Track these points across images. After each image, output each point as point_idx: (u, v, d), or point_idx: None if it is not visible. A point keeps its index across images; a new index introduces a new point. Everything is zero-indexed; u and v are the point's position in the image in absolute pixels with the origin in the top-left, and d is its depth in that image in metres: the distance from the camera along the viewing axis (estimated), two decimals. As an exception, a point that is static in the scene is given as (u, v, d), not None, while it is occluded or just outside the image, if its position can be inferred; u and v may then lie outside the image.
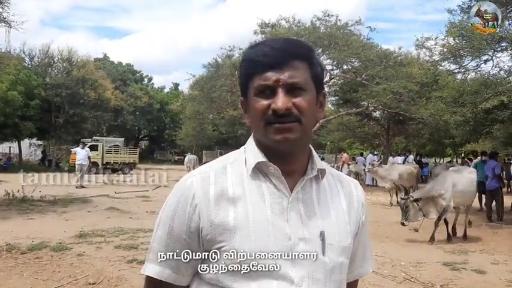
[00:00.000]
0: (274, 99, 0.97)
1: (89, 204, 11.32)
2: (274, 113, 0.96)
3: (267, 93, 0.98)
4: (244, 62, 1.04)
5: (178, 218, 1.01)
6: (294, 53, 1.00)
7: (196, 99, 25.53)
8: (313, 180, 1.05)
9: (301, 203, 1.00)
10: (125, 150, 28.33)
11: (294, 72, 0.98)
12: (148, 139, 52.80)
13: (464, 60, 11.03)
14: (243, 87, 1.05)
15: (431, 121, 18.33)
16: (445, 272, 5.69)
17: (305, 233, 0.98)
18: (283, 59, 0.98)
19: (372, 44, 21.78)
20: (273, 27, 21.57)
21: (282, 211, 0.98)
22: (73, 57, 29.93)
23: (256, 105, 0.99)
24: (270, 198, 0.99)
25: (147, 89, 47.72)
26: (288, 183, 1.01)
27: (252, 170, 1.01)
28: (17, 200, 10.95)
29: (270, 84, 0.97)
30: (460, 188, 7.69)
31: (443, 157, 40.48)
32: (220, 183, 1.00)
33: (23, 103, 24.70)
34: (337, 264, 1.00)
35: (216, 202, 0.98)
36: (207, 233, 0.98)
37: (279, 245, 0.95)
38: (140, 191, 14.51)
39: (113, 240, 6.83)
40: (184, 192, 1.02)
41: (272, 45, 1.00)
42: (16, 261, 5.52)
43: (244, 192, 0.99)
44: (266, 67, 0.98)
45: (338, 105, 28.90)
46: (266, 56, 0.98)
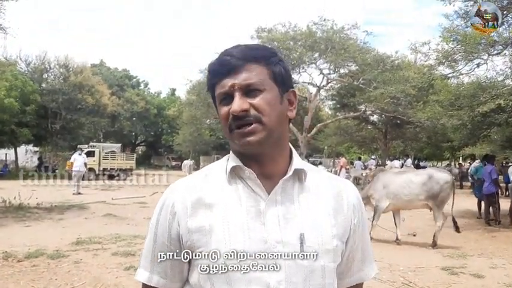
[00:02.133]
0: (232, 103, 0.98)
1: (86, 211, 11.27)
2: (233, 117, 0.98)
3: (227, 100, 1.00)
4: (208, 74, 1.06)
5: (161, 225, 1.05)
6: (248, 56, 1.01)
7: (193, 105, 25.59)
8: (296, 182, 1.04)
9: (280, 205, 0.99)
10: (122, 156, 28.27)
11: (248, 75, 0.99)
12: (145, 145, 52.81)
13: (458, 65, 11.11)
14: (212, 99, 1.07)
15: (429, 125, 18.39)
16: (444, 276, 5.68)
17: (282, 236, 0.97)
18: (237, 64, 0.99)
19: (369, 48, 21.93)
20: (270, 32, 21.66)
21: (258, 214, 0.98)
22: (70, 63, 30.00)
23: (220, 113, 1.02)
24: (246, 201, 0.99)
25: (143, 94, 47.74)
26: (267, 186, 1.00)
27: (229, 174, 1.03)
28: (14, 207, 10.90)
29: (227, 90, 0.99)
30: (392, 190, 7.68)
31: (442, 160, 40.58)
32: (199, 190, 1.02)
33: (19, 109, 24.67)
34: (318, 268, 0.98)
35: (193, 209, 1.00)
36: (186, 240, 1.00)
37: (255, 248, 0.95)
38: (137, 197, 14.49)
39: (110, 247, 6.79)
40: (166, 201, 1.05)
41: (230, 53, 1.01)
42: (13, 269, 5.47)
43: (221, 197, 1.01)
44: (223, 75, 1.00)
45: (335, 110, 29.02)
46: (222, 64, 1.01)
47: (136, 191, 17.24)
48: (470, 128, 12.66)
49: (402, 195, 7.63)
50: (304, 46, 20.89)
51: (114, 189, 18.88)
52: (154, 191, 16.59)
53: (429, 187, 7.50)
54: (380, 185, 7.78)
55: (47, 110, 27.93)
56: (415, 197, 7.60)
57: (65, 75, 29.52)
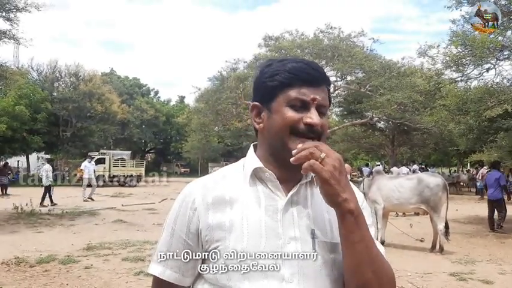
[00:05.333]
0: (309, 114, 1.05)
1: (97, 217, 11.40)
2: (308, 127, 1.05)
3: (298, 107, 1.06)
4: (282, 73, 1.09)
5: (180, 220, 1.10)
6: (325, 78, 1.11)
7: (201, 112, 25.70)
8: (308, 186, 1.12)
9: (295, 206, 1.08)
10: (132, 163, 28.46)
11: (324, 95, 1.08)
12: (154, 152, 53.04)
13: (466, 69, 11.09)
14: (267, 94, 1.11)
15: (436, 131, 18.33)
16: (452, 282, 5.67)
17: (296, 232, 1.05)
18: (319, 81, 1.08)
19: (375, 55, 21.93)
20: (277, 40, 21.76)
21: (275, 212, 1.06)
22: (80, 71, 30.35)
23: (288, 114, 1.06)
24: (265, 201, 1.07)
25: (153, 102, 48.09)
26: (284, 189, 1.09)
27: (249, 175, 1.10)
28: (25, 213, 11.06)
29: (307, 100, 1.06)
30: (384, 193, 7.85)
31: (449, 167, 40.28)
32: (219, 189, 1.09)
33: (30, 117, 25.02)
34: (328, 261, 1.05)
35: (213, 206, 1.07)
36: (205, 234, 1.06)
37: (271, 243, 1.02)
38: (147, 204, 14.60)
39: (120, 253, 6.89)
40: (186, 198, 1.10)
41: (310, 65, 1.10)
42: (25, 274, 5.58)
43: (240, 195, 1.08)
44: (304, 83, 1.07)
45: (342, 116, 28.98)
46: (305, 73, 1.07)
47: (146, 197, 17.38)
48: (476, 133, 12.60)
49: (393, 198, 7.77)
50: (311, 54, 20.96)
51: (124, 195, 19.03)
52: (163, 198, 16.75)
53: (420, 191, 7.59)
54: (375, 188, 7.95)
55: (58, 118, 28.28)
56: (405, 200, 7.72)
57: (75, 83, 29.88)
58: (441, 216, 7.47)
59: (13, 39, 12.00)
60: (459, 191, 23.90)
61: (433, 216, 7.54)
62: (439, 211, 7.49)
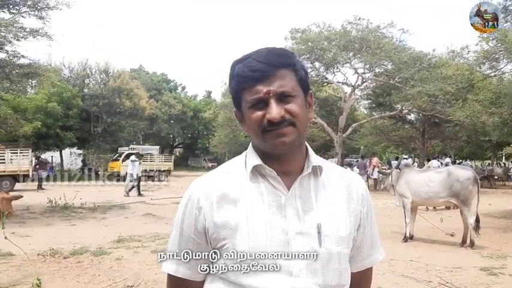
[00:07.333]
0: (268, 110, 1.04)
1: (127, 210, 11.69)
2: (270, 122, 1.04)
3: (260, 104, 1.05)
4: (233, 78, 1.10)
5: (187, 220, 1.11)
6: (279, 63, 1.06)
7: (228, 107, 25.80)
8: (312, 177, 1.12)
9: (299, 199, 1.08)
10: (160, 158, 28.88)
11: (281, 82, 1.04)
12: (182, 146, 53.64)
13: (500, 64, 10.78)
14: (235, 100, 1.13)
15: (469, 123, 17.82)
16: (482, 277, 5.54)
17: (302, 227, 1.05)
18: (270, 71, 1.04)
19: (405, 47, 21.47)
20: (303, 33, 21.58)
21: (279, 208, 1.06)
22: (109, 68, 30.94)
23: (252, 116, 1.07)
24: (268, 197, 1.07)
25: (180, 97, 48.55)
26: (286, 182, 1.09)
27: (250, 173, 1.10)
28: (59, 207, 11.45)
29: (262, 97, 1.05)
30: (412, 186, 7.70)
31: (483, 160, 39.14)
32: (222, 186, 1.10)
33: (63, 113, 25.75)
34: (334, 254, 1.07)
35: (218, 204, 1.08)
36: (212, 232, 1.08)
37: (277, 239, 1.04)
38: (175, 197, 14.81)
39: (149, 245, 7.05)
40: (191, 197, 1.12)
41: (257, 59, 1.05)
42: (59, 265, 5.78)
43: (243, 193, 1.08)
44: (255, 81, 1.05)
45: (371, 109, 28.53)
46: (253, 70, 1.05)
47: (174, 191, 17.64)
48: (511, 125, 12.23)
49: (422, 192, 7.64)
50: (338, 46, 20.71)
51: (153, 190, 19.37)
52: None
53: (450, 184, 7.41)
54: (403, 181, 7.86)
55: (89, 114, 28.97)
56: (434, 194, 7.56)
57: (105, 80, 30.50)
58: (472, 210, 7.29)
59: (45, 36, 12.33)
60: (493, 185, 23.18)
61: (464, 210, 7.38)
62: (470, 205, 7.31)
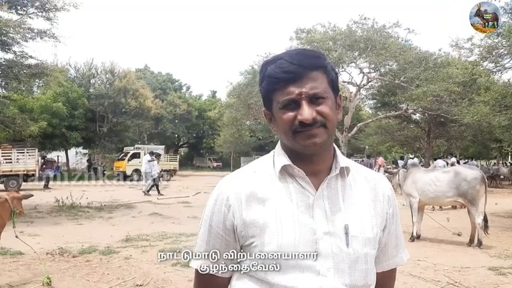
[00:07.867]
0: (300, 111, 1.05)
1: (133, 210, 11.71)
2: (301, 123, 1.06)
3: (291, 105, 1.07)
4: (265, 79, 1.11)
5: (216, 217, 1.13)
6: (311, 65, 1.07)
7: (233, 106, 25.84)
8: (339, 178, 1.13)
9: (327, 200, 1.09)
10: (166, 158, 28.92)
11: (313, 83, 1.06)
12: (187, 146, 53.73)
13: (503, 59, 10.74)
14: (266, 100, 1.14)
15: (474, 123, 17.78)
16: (491, 276, 5.53)
17: (330, 227, 1.07)
18: (302, 73, 1.06)
19: (411, 46, 21.41)
20: (309, 33, 21.57)
21: (307, 208, 1.08)
22: (115, 68, 31.05)
23: (283, 117, 1.08)
24: (296, 197, 1.09)
25: (185, 97, 48.61)
26: (314, 182, 1.10)
27: (279, 172, 1.12)
28: (67, 206, 11.51)
29: (294, 98, 1.06)
30: (419, 186, 7.71)
31: (488, 159, 38.98)
32: (251, 185, 1.12)
33: (68, 113, 25.87)
34: (362, 255, 1.08)
35: (247, 202, 1.10)
36: (240, 230, 1.09)
37: (305, 239, 1.05)
38: (181, 197, 14.88)
39: (157, 244, 7.08)
40: (220, 195, 1.13)
41: (289, 60, 1.07)
42: (68, 264, 5.82)
43: (272, 192, 1.10)
44: (287, 82, 1.06)
45: (376, 109, 28.47)
46: (285, 72, 1.06)
47: (180, 191, 17.69)
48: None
49: (429, 192, 7.63)
50: (343, 46, 20.68)
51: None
52: (197, 191, 17.03)
53: (457, 184, 7.39)
54: (410, 181, 7.87)
55: (95, 114, 29.09)
56: (441, 194, 7.55)
57: (111, 80, 30.62)
58: (479, 210, 7.27)
59: (53, 37, 12.40)
60: (499, 185, 23.07)
61: (471, 210, 7.36)
62: (477, 204, 7.30)
